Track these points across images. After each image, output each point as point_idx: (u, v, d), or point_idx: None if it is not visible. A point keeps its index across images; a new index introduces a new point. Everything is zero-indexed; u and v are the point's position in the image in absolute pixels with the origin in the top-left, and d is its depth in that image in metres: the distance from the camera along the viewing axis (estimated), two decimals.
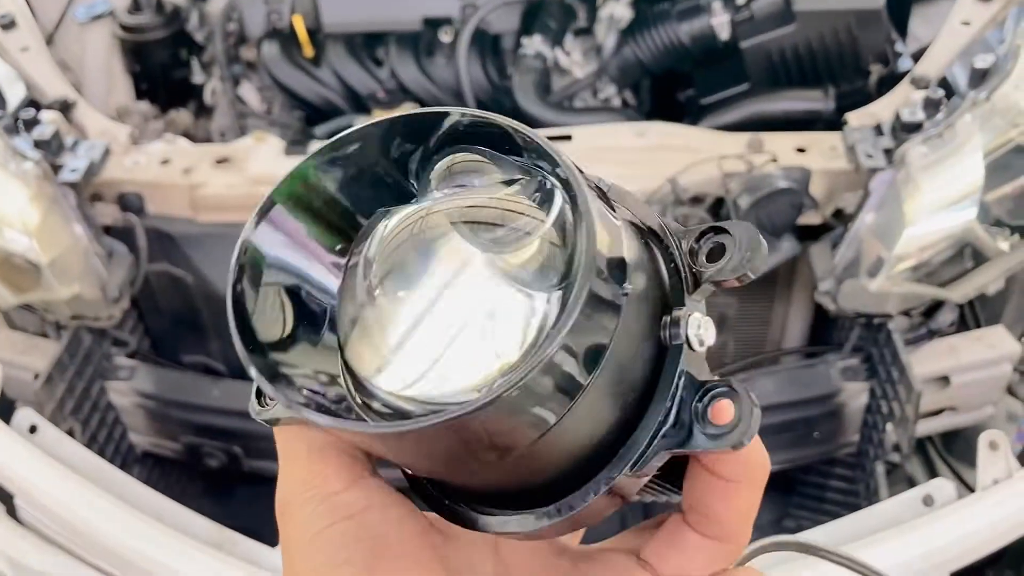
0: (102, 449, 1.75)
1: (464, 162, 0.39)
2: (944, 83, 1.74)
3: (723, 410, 0.36)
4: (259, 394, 0.40)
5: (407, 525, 0.39)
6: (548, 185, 0.37)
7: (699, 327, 0.37)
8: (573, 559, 0.43)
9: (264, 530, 1.40)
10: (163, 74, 2.26)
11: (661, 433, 0.37)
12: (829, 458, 1.86)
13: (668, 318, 0.37)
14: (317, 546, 0.38)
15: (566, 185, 0.35)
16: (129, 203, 1.76)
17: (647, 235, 0.40)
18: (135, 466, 1.88)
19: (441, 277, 0.37)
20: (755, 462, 0.39)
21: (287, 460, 0.40)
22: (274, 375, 0.37)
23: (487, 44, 2.14)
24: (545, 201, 0.37)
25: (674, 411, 0.37)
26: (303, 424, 0.38)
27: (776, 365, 1.89)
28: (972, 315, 1.85)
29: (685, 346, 0.37)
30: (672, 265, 0.39)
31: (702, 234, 0.39)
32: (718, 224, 0.39)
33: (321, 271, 0.40)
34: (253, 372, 0.36)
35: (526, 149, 0.37)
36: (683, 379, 0.37)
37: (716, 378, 0.37)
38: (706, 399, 0.37)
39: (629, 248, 0.35)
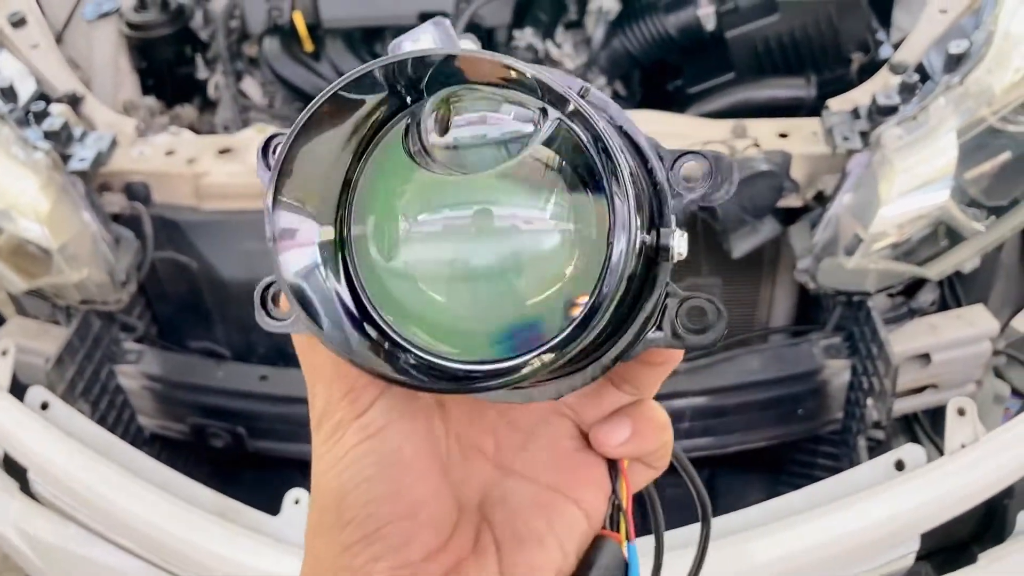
0: (111, 431, 1.81)
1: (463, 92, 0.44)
2: (921, 69, 1.79)
3: (702, 313, 0.44)
4: (263, 303, 0.45)
5: (418, 438, 0.46)
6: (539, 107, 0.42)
7: (681, 243, 0.42)
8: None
9: (267, 510, 1.46)
10: (168, 70, 2.32)
11: (647, 331, 0.43)
12: (815, 435, 1.91)
13: (656, 233, 0.42)
14: (345, 463, 0.45)
15: (556, 104, 0.41)
16: (136, 192, 1.82)
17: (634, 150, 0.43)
18: (143, 449, 1.93)
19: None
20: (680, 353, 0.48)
21: (317, 379, 0.46)
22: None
23: (481, 37, 2.20)
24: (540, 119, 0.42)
25: (658, 314, 0.43)
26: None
27: (762, 344, 1.94)
28: (953, 296, 1.90)
29: (670, 260, 0.42)
30: (654, 182, 0.43)
31: (678, 157, 0.43)
32: (693, 150, 0.43)
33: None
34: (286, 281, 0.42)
35: (517, 83, 0.41)
36: (668, 288, 0.43)
37: (690, 293, 0.44)
38: (685, 306, 0.43)
39: (625, 163, 0.39)
